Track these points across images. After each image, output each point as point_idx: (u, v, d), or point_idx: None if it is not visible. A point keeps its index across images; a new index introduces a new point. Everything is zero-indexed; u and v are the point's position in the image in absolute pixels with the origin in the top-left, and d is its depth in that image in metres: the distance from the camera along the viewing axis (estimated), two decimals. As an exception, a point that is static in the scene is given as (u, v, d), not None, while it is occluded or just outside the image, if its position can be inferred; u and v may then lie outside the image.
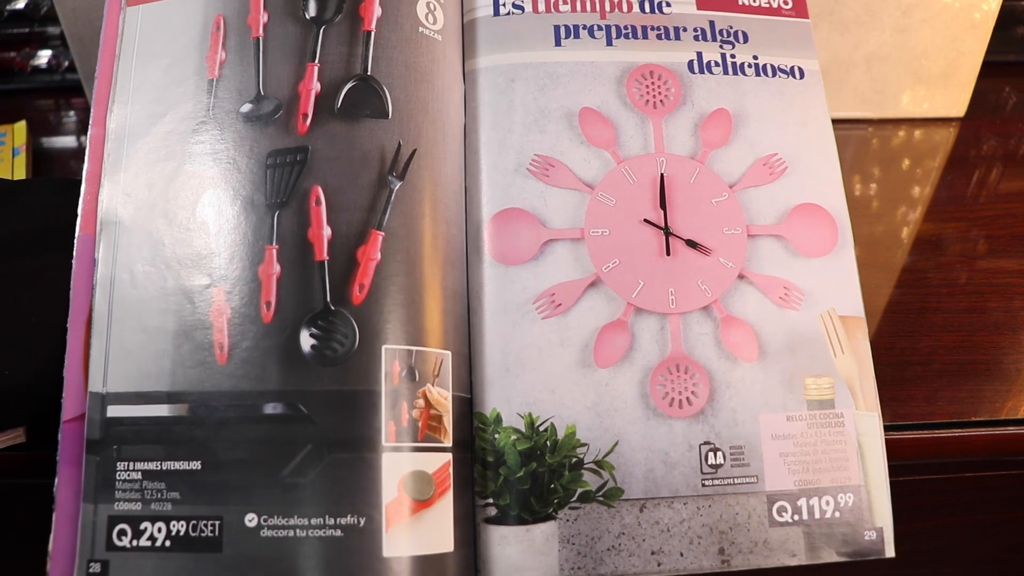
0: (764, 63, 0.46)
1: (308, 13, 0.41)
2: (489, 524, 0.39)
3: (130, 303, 0.38)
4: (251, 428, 0.35)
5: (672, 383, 0.40)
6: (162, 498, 0.35)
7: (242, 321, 0.36)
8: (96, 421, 0.36)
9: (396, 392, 0.36)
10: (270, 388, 0.36)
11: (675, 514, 0.39)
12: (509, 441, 0.39)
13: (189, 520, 0.35)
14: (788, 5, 0.48)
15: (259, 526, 0.34)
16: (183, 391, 0.36)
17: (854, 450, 0.40)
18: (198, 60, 0.41)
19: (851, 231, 0.43)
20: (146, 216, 0.39)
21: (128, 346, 0.37)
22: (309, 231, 0.38)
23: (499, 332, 0.40)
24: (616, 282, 0.41)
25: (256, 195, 0.38)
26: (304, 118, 0.39)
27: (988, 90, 0.65)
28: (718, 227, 0.42)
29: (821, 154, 0.45)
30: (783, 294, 0.42)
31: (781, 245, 0.43)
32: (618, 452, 0.39)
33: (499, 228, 0.42)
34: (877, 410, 0.40)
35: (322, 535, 0.34)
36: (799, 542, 0.39)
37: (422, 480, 0.36)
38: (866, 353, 0.41)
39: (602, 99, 0.44)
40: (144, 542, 0.35)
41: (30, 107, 0.60)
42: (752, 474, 0.39)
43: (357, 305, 0.37)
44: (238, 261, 0.37)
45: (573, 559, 0.38)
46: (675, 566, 0.38)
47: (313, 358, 0.36)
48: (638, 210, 0.42)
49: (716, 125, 0.44)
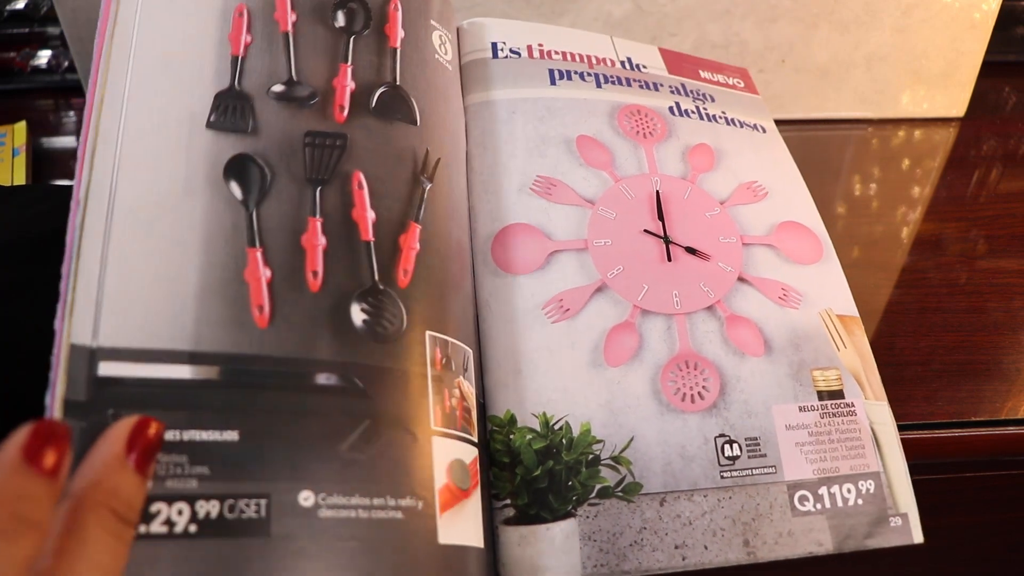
0: (732, 117, 0.51)
1: (337, 23, 0.42)
2: (508, 525, 0.38)
3: (134, 247, 0.33)
4: (300, 398, 0.32)
5: (683, 379, 0.40)
6: (183, 473, 0.29)
7: (286, 287, 0.34)
8: (80, 380, 0.30)
9: (440, 378, 0.36)
10: (321, 358, 0.33)
11: (696, 507, 0.38)
12: (525, 440, 0.39)
13: (224, 499, 0.29)
14: (741, 84, 0.54)
15: (316, 505, 0.30)
16: (212, 352, 0.32)
17: (868, 438, 0.40)
18: (219, 37, 0.39)
19: (832, 247, 0.45)
20: (152, 173, 0.35)
21: (130, 296, 0.32)
22: (353, 211, 0.37)
23: (509, 337, 0.41)
24: (622, 287, 0.42)
25: (294, 167, 0.37)
26: (341, 109, 0.39)
27: (988, 90, 0.66)
28: (714, 236, 0.45)
29: (793, 186, 0.48)
30: (782, 294, 0.43)
31: (774, 253, 0.45)
32: (634, 447, 0.39)
33: (505, 241, 0.43)
34: (886, 400, 0.41)
35: (384, 516, 0.31)
36: (824, 531, 0.38)
37: (463, 469, 0.35)
38: (867, 348, 0.42)
39: (597, 129, 0.47)
40: (157, 528, 0.28)
41: (30, 107, 0.60)
42: (770, 464, 0.39)
43: (403, 288, 0.36)
44: (277, 227, 0.35)
45: (595, 556, 0.37)
46: (700, 559, 0.37)
47: (366, 332, 0.34)
48: (638, 222, 0.45)
49: (701, 154, 0.48)
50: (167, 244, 0.33)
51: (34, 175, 0.55)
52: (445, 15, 0.47)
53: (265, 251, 0.34)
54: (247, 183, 0.36)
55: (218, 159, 0.36)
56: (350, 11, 0.43)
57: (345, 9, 0.42)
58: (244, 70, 0.38)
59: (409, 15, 0.45)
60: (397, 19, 0.44)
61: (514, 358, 0.41)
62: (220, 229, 0.34)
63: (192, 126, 0.36)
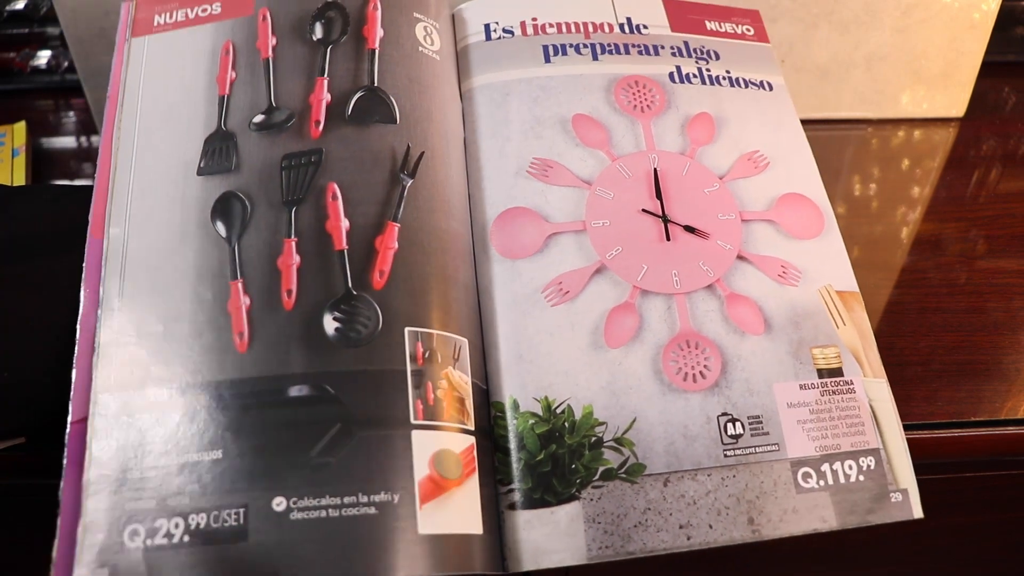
0: (736, 76, 0.50)
1: (315, 36, 0.44)
2: (513, 510, 0.38)
3: (142, 296, 0.38)
4: (275, 413, 0.35)
5: (684, 358, 0.40)
6: (180, 492, 0.33)
7: (262, 310, 0.37)
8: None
9: (421, 372, 0.36)
10: (294, 371, 0.35)
11: (700, 486, 0.38)
12: (527, 425, 0.39)
13: (210, 512, 0.33)
14: (751, 32, 0.52)
15: (288, 509, 0.33)
16: (199, 382, 0.36)
17: (868, 415, 0.40)
18: (208, 81, 0.43)
19: (835, 218, 0.45)
20: (155, 224, 0.40)
21: (139, 339, 0.37)
22: (327, 223, 0.39)
23: (510, 323, 0.41)
24: (621, 267, 0.42)
25: (272, 195, 0.40)
26: (317, 124, 0.42)
27: (987, 90, 0.65)
28: (713, 213, 0.44)
29: (797, 152, 0.48)
30: (781, 272, 0.43)
31: (773, 229, 0.44)
32: (637, 428, 0.39)
33: (503, 226, 0.43)
34: (884, 376, 0.41)
35: (356, 513, 0.33)
36: (828, 507, 0.38)
37: (451, 459, 0.36)
38: (866, 324, 0.42)
39: (593, 106, 0.47)
40: (160, 540, 0.33)
41: (30, 107, 0.60)
42: (773, 442, 0.39)
43: (379, 290, 0.38)
44: (255, 255, 0.38)
45: (600, 538, 0.37)
46: (705, 539, 0.37)
47: (338, 340, 0.36)
48: (635, 201, 0.44)
49: (701, 125, 0.47)
50: (167, 289, 0.38)
51: (34, 175, 0.55)
52: (432, 5, 0.47)
53: (245, 281, 0.38)
54: (230, 219, 0.39)
55: (207, 203, 0.40)
56: (327, 20, 0.45)
57: (323, 20, 0.44)
58: (229, 108, 0.42)
59: (390, 12, 0.45)
60: (376, 19, 0.45)
61: (515, 343, 0.40)
62: (208, 268, 0.38)
63: (186, 175, 0.40)
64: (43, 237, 0.40)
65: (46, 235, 0.40)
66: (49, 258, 0.39)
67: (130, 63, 0.44)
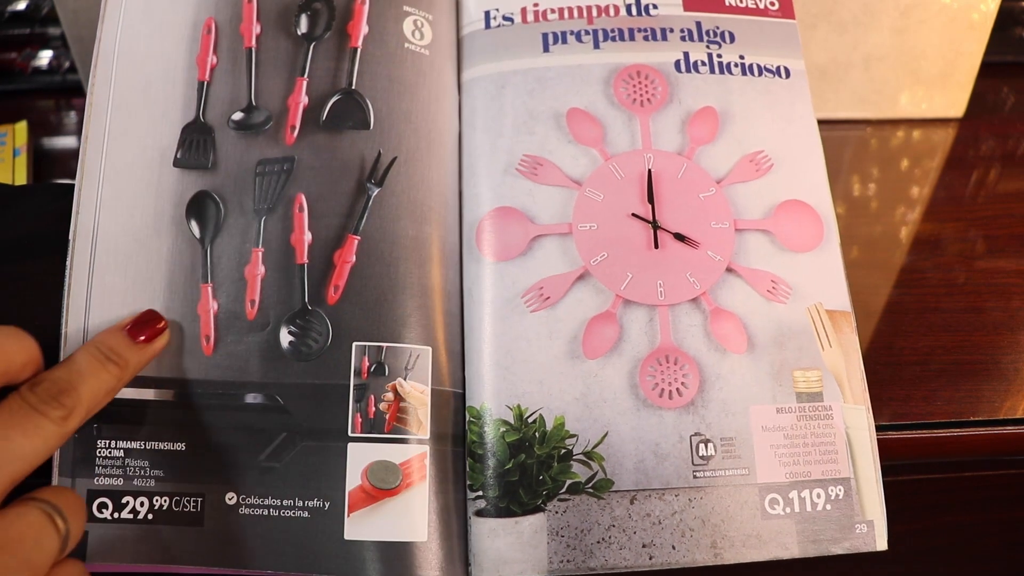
0: (750, 62, 0.47)
1: (300, 29, 0.43)
2: (479, 517, 0.38)
3: (114, 282, 0.39)
4: (233, 415, 0.38)
5: (662, 374, 0.40)
6: (145, 475, 0.37)
7: (228, 317, 0.39)
8: None
9: (364, 386, 0.38)
10: (251, 380, 0.38)
11: (667, 506, 0.38)
12: (498, 433, 0.39)
13: (172, 496, 0.37)
14: (775, 6, 0.49)
15: (238, 504, 0.37)
16: (170, 377, 0.38)
17: (843, 442, 0.40)
18: (188, 61, 0.42)
19: (836, 227, 0.44)
20: (128, 208, 0.40)
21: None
22: (292, 236, 0.40)
23: (489, 327, 0.40)
24: (604, 275, 0.41)
25: (245, 201, 0.40)
26: (292, 130, 0.42)
27: (986, 91, 0.65)
28: (706, 221, 0.43)
29: (806, 151, 0.45)
30: (771, 287, 0.42)
31: (768, 240, 0.43)
32: (608, 443, 0.39)
33: (489, 226, 0.42)
34: (866, 403, 0.40)
35: (292, 515, 0.37)
36: (791, 535, 0.38)
37: (386, 469, 0.37)
38: (854, 347, 0.41)
39: (589, 99, 0.45)
40: (126, 515, 0.36)
41: (31, 108, 0.60)
42: (743, 466, 0.39)
43: (332, 305, 0.39)
44: (227, 261, 0.39)
45: (562, 552, 0.38)
46: (667, 559, 0.38)
47: (290, 354, 0.38)
48: (626, 205, 0.43)
49: (703, 122, 0.45)
50: (141, 280, 0.39)
51: (35, 175, 0.56)
52: None
53: (215, 286, 0.39)
54: (204, 221, 0.40)
55: (182, 198, 0.40)
56: (313, 12, 0.43)
57: (309, 11, 0.43)
58: (209, 98, 0.42)
59: (377, 6, 0.44)
60: (363, 14, 0.44)
61: (493, 348, 0.40)
62: (181, 268, 0.39)
63: (161, 163, 0.40)
64: (45, 236, 0.41)
65: (48, 234, 0.40)
66: (51, 257, 0.39)
67: (106, 16, 0.42)
